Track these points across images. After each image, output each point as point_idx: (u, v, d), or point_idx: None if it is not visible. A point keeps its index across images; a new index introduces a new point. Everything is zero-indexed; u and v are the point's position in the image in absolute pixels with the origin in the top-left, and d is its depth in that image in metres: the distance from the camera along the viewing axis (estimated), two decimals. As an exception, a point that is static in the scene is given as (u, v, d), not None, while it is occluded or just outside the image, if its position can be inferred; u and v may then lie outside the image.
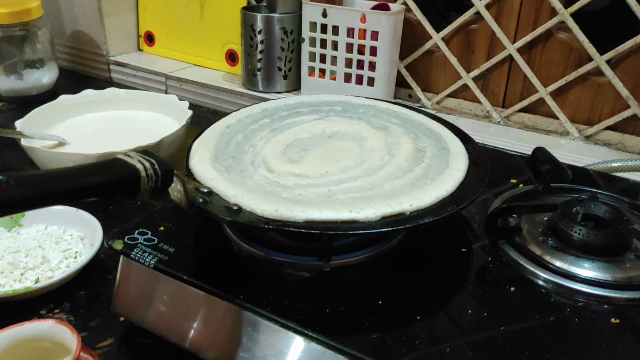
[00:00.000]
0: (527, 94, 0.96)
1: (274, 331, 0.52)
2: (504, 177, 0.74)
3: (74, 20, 1.28)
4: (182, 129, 0.86)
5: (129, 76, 1.26)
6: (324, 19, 0.99)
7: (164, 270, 0.56)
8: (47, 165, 0.82)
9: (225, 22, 1.18)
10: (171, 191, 0.52)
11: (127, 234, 0.61)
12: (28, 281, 0.66)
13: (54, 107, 0.93)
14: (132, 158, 0.47)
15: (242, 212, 0.53)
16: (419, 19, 1.00)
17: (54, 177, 0.43)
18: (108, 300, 0.66)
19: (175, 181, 0.50)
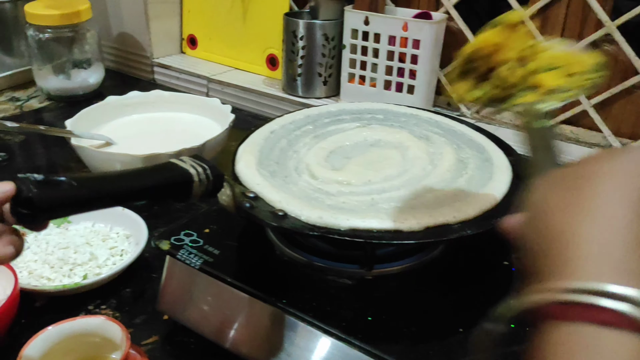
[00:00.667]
0: (570, 105, 0.95)
1: (315, 336, 0.53)
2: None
3: (121, 22, 1.31)
4: (225, 132, 0.88)
5: (172, 78, 1.29)
6: (366, 27, 1.00)
7: (210, 272, 0.58)
8: (94, 164, 0.85)
9: (267, 27, 1.19)
10: (220, 195, 0.53)
11: (173, 235, 0.63)
12: (77, 277, 0.69)
13: (101, 108, 0.96)
14: (185, 162, 0.48)
15: (287, 218, 0.54)
16: (460, 28, 1.00)
17: (113, 179, 0.45)
18: (152, 298, 0.68)
19: (225, 186, 0.52)
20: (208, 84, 1.23)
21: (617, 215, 0.27)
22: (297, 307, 0.53)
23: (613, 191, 0.28)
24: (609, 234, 0.27)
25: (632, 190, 0.28)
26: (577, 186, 0.29)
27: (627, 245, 0.27)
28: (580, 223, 0.28)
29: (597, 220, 0.28)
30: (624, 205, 0.28)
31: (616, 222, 0.27)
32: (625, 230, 0.27)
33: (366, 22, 1.00)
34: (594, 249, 0.27)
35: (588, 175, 0.30)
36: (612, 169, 0.29)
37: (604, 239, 0.27)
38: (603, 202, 0.28)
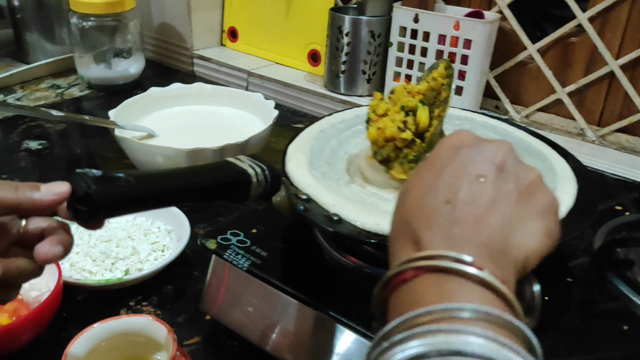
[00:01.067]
0: (627, 113, 0.91)
1: (364, 346, 0.51)
2: (606, 202, 0.70)
3: (162, 13, 1.30)
4: (268, 129, 0.86)
5: (212, 70, 1.27)
6: (415, 24, 0.97)
7: (257, 275, 0.56)
8: (137, 157, 0.84)
9: (310, 22, 1.17)
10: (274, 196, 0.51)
11: (220, 234, 0.61)
12: (118, 271, 0.67)
13: (143, 99, 0.95)
14: (243, 162, 0.46)
15: (343, 223, 0.52)
16: (514, 28, 0.96)
17: (171, 177, 0.43)
18: (194, 296, 0.66)
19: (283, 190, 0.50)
20: (248, 77, 1.21)
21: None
22: (347, 315, 0.51)
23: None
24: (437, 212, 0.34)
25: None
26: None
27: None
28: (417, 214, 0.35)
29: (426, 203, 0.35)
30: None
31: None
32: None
33: (416, 19, 0.97)
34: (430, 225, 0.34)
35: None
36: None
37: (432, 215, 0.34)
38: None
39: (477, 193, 0.34)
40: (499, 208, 0.34)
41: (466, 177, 0.35)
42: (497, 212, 0.34)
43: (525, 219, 0.35)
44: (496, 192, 0.34)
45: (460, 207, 0.34)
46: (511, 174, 0.35)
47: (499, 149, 0.36)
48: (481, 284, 0.31)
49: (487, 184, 0.34)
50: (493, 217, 0.33)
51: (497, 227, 0.33)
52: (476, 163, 0.35)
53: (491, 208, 0.34)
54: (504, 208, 0.34)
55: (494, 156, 0.36)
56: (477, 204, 0.34)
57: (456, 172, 0.35)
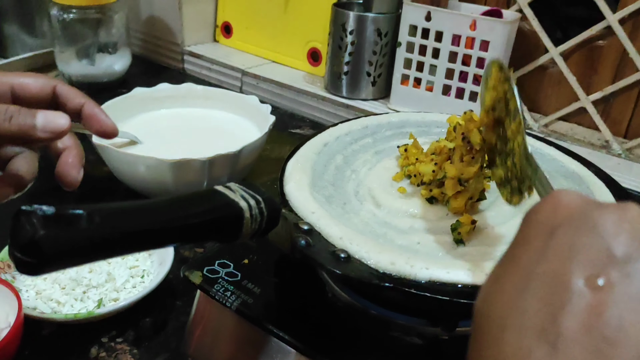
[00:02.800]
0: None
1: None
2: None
3: (151, 6, 1.21)
4: (264, 137, 0.77)
5: (203, 69, 1.18)
6: (427, 23, 0.89)
7: (249, 316, 0.48)
8: (117, 166, 0.75)
9: (311, 18, 1.08)
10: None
11: (207, 264, 0.53)
12: (90, 301, 0.59)
13: (127, 101, 0.86)
14: (234, 193, 0.38)
15: (351, 262, 0.44)
16: (535, 29, 0.88)
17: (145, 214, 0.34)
18: (176, 331, 0.58)
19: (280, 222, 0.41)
20: (242, 77, 1.12)
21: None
22: (356, 371, 0.43)
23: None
24: None
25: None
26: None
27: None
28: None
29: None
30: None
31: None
32: None
33: (428, 17, 0.88)
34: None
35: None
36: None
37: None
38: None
39: (593, 315, 0.21)
40: (636, 330, 0.21)
41: (570, 286, 0.22)
42: (628, 346, 0.21)
43: None
44: (627, 302, 0.21)
45: (567, 347, 0.21)
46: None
47: (621, 221, 0.23)
48: None
49: (609, 291, 0.22)
50: (622, 354, 0.21)
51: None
52: (583, 256, 0.23)
53: (618, 340, 0.21)
54: (635, 336, 0.21)
55: (613, 239, 0.23)
56: (594, 334, 0.21)
57: (553, 278, 0.23)
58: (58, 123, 0.40)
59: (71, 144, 0.45)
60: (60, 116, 0.41)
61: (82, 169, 0.45)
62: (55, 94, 0.46)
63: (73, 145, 0.45)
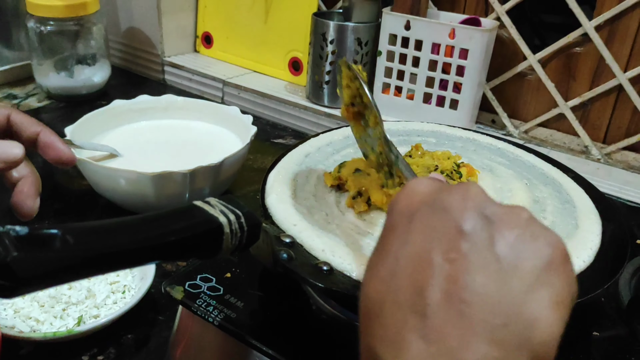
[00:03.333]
0: (635, 129, 0.84)
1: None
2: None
3: (130, 17, 1.20)
4: (246, 148, 0.77)
5: (184, 79, 1.18)
6: (406, 32, 0.89)
7: (232, 331, 0.47)
8: (96, 180, 0.74)
9: (292, 28, 1.08)
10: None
11: (188, 279, 0.52)
12: (70, 318, 0.58)
13: (106, 113, 0.85)
14: (214, 208, 0.37)
15: (334, 275, 0.43)
16: (513, 37, 0.89)
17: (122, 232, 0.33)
18: (159, 347, 0.58)
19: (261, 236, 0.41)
20: (223, 87, 1.12)
21: None
22: (341, 384, 0.43)
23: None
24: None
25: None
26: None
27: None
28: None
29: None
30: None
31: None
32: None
33: (407, 26, 0.89)
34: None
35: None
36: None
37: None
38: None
39: (451, 283, 0.25)
40: (486, 291, 0.25)
41: (430, 262, 0.26)
42: (483, 301, 0.25)
43: (527, 292, 0.25)
44: (477, 269, 0.25)
45: (434, 313, 0.25)
46: (489, 230, 0.26)
47: (464, 200, 0.27)
48: None
49: (461, 261, 0.25)
50: (479, 312, 0.24)
51: (489, 325, 0.24)
52: (437, 234, 0.26)
53: (476, 298, 0.25)
54: (492, 287, 0.25)
55: (460, 216, 0.26)
56: (454, 300, 0.25)
57: (416, 258, 0.26)
58: (11, 153, 0.39)
59: (27, 172, 0.44)
60: (14, 146, 0.40)
61: (39, 198, 0.44)
62: (10, 123, 0.45)
63: (29, 174, 0.44)
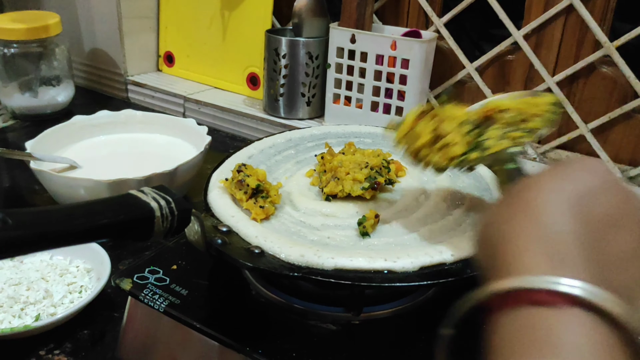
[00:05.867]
0: (566, 130, 0.91)
1: (294, 390, 0.46)
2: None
3: (93, 38, 1.25)
4: (199, 156, 0.81)
5: (147, 97, 1.22)
6: (352, 45, 0.95)
7: (175, 316, 0.51)
8: (56, 190, 0.78)
9: (248, 45, 1.14)
10: (187, 230, 0.47)
11: (137, 272, 0.56)
12: (28, 317, 0.61)
13: (67, 128, 0.89)
14: (146, 195, 0.42)
15: (265, 257, 0.48)
16: (451, 47, 0.95)
17: (58, 217, 0.38)
18: (113, 341, 0.61)
19: (193, 220, 0.45)
20: (184, 103, 1.17)
21: (552, 216, 0.30)
22: (274, 358, 0.47)
23: (549, 195, 0.31)
24: (545, 232, 0.30)
25: (568, 192, 0.31)
26: (518, 196, 0.32)
27: (562, 241, 0.29)
28: (519, 226, 0.31)
29: (534, 222, 0.30)
30: (560, 206, 0.30)
31: (551, 222, 0.30)
32: (558, 227, 0.30)
33: (352, 40, 0.95)
34: (531, 247, 0.29)
35: (528, 186, 0.32)
36: (548, 176, 0.32)
37: (539, 236, 0.30)
38: (541, 206, 0.31)
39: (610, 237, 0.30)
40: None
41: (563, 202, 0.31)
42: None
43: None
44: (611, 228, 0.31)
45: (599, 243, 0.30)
46: (610, 196, 0.32)
47: (590, 176, 0.32)
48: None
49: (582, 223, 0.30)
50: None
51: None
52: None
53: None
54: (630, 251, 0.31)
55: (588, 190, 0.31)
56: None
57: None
58: None
59: None
60: None
61: None
62: None
63: None
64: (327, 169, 0.59)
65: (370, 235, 0.51)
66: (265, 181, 0.55)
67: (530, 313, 0.27)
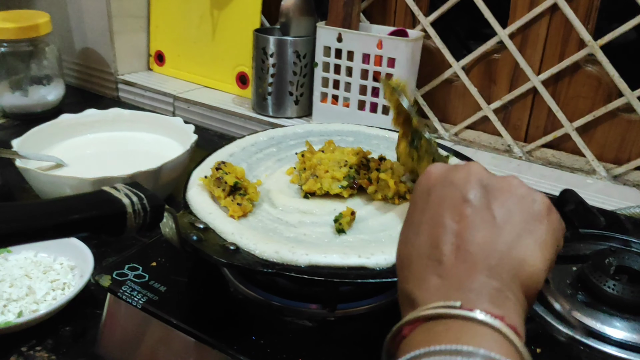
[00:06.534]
0: (552, 128, 0.91)
1: (270, 386, 0.47)
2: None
3: (84, 37, 1.25)
4: (185, 154, 0.82)
5: (137, 96, 1.22)
6: (339, 44, 0.96)
7: (153, 312, 0.52)
8: (41, 188, 0.78)
9: (237, 44, 1.14)
10: (162, 227, 0.47)
11: (117, 269, 0.56)
12: (10, 314, 0.61)
13: (54, 127, 0.89)
14: (119, 191, 0.42)
15: (239, 253, 0.48)
16: (438, 46, 0.96)
17: (31, 211, 0.38)
18: (95, 338, 0.61)
19: (167, 217, 0.45)
20: (174, 102, 1.17)
21: (443, 235, 0.33)
22: (249, 354, 0.47)
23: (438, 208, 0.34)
24: (436, 255, 0.33)
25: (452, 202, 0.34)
26: (413, 213, 0.36)
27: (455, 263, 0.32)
28: (417, 250, 0.34)
29: (425, 242, 0.34)
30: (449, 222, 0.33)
31: (442, 242, 0.33)
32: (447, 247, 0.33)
33: (339, 39, 0.95)
34: (426, 274, 0.33)
35: (421, 198, 0.36)
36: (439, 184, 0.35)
37: (431, 264, 0.33)
38: (432, 219, 0.34)
39: (459, 238, 0.33)
40: (485, 241, 0.32)
41: (443, 224, 0.33)
42: (482, 248, 0.32)
43: (516, 239, 0.33)
44: (477, 226, 0.33)
45: (447, 259, 0.32)
46: (486, 196, 0.34)
47: (468, 176, 0.35)
48: (480, 324, 0.29)
49: (465, 222, 0.33)
50: (479, 256, 0.32)
51: (487, 264, 0.32)
52: (447, 203, 0.34)
53: (476, 247, 0.32)
54: (488, 238, 0.32)
55: (464, 188, 0.34)
56: (461, 250, 0.32)
57: (432, 222, 0.34)
58: None
59: None
60: None
61: None
62: None
63: None
64: (306, 166, 0.59)
65: (346, 232, 0.52)
66: (243, 179, 0.56)
67: (428, 327, 0.30)
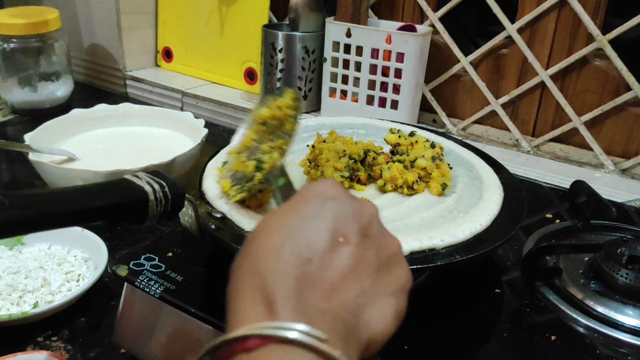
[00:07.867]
0: (560, 122, 0.92)
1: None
2: (537, 211, 0.69)
3: (92, 33, 1.26)
4: (196, 148, 0.82)
5: (145, 92, 1.23)
6: (348, 39, 0.96)
7: (170, 301, 0.52)
8: (54, 181, 0.79)
9: (245, 40, 1.15)
10: (181, 216, 0.48)
11: (133, 259, 0.57)
12: (26, 305, 0.62)
13: (65, 121, 0.90)
14: (140, 179, 0.43)
15: (258, 242, 0.49)
16: (446, 41, 0.96)
17: (54, 199, 0.39)
18: (110, 328, 0.61)
19: (187, 205, 0.46)
20: (182, 97, 1.17)
21: (272, 260, 0.31)
22: (267, 341, 0.48)
23: (271, 238, 0.32)
24: (262, 280, 0.31)
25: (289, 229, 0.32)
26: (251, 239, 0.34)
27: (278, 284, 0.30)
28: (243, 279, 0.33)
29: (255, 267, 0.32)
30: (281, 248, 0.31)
31: (270, 268, 0.31)
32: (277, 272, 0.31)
33: (348, 34, 0.96)
34: (248, 297, 0.31)
35: (258, 231, 0.34)
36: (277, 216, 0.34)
37: (256, 286, 0.31)
38: (264, 249, 0.32)
39: (337, 255, 0.31)
40: (356, 277, 0.31)
41: (329, 234, 0.31)
42: (353, 282, 0.31)
43: (379, 295, 0.32)
44: (356, 258, 0.31)
45: (319, 267, 0.30)
46: (373, 240, 0.33)
47: (364, 209, 0.34)
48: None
49: (348, 247, 0.31)
50: (349, 286, 0.30)
51: (352, 298, 0.30)
52: (341, 220, 0.32)
53: (348, 275, 0.31)
54: (360, 278, 0.31)
55: (360, 216, 0.33)
56: (335, 268, 0.31)
57: (321, 226, 0.32)
58: None
59: None
60: None
61: None
62: None
63: None
64: (310, 157, 0.60)
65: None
66: None
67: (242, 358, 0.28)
